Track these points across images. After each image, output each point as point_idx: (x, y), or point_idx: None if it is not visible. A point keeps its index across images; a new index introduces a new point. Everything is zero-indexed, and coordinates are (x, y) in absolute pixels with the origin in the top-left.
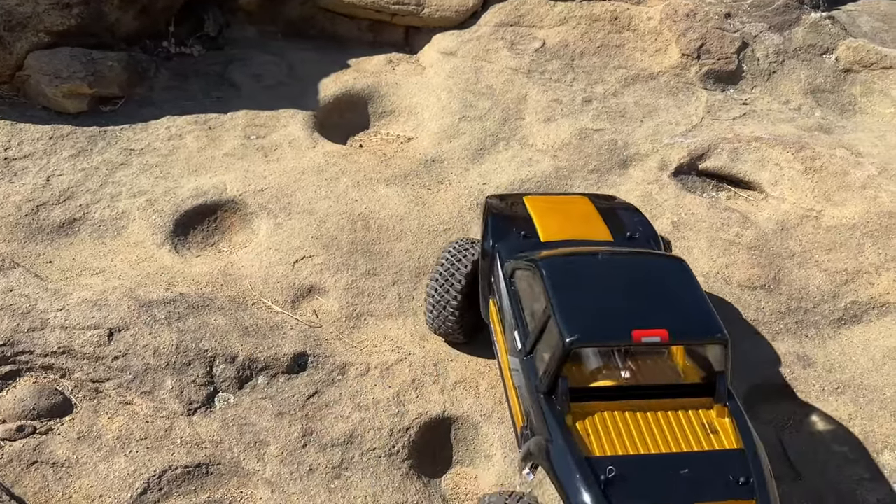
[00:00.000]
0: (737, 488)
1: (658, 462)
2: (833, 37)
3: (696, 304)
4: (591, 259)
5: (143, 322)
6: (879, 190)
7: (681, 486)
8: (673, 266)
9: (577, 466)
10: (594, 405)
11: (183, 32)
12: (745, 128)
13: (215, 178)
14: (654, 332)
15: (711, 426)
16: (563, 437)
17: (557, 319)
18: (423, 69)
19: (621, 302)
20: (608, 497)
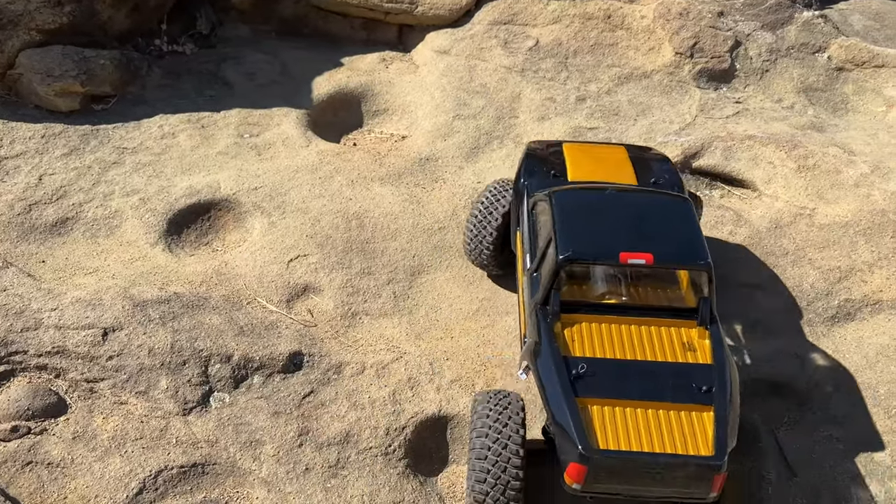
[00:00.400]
0: (697, 395)
1: (629, 366)
2: (825, 35)
3: (687, 234)
4: (600, 193)
5: (138, 322)
6: (872, 188)
7: (643, 386)
8: (675, 203)
9: (554, 363)
10: (583, 317)
11: (175, 30)
12: (738, 126)
13: (209, 176)
14: (640, 255)
15: (690, 345)
16: (549, 340)
17: (556, 239)
18: (416, 67)
19: (618, 229)
20: (574, 388)
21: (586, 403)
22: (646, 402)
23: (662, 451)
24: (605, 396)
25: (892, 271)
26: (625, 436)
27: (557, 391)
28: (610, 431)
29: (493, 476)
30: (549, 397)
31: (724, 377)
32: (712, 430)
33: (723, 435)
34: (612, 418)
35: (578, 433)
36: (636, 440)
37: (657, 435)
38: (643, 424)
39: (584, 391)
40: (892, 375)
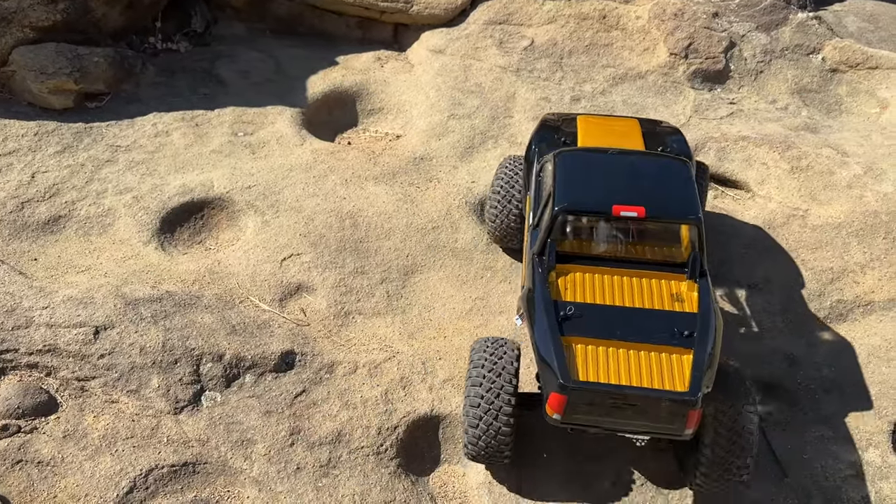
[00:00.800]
0: (678, 338)
1: (616, 311)
2: (819, 37)
3: (680, 191)
4: (601, 153)
5: (130, 320)
6: (865, 189)
7: (627, 329)
8: (672, 163)
9: (544, 304)
10: (576, 267)
11: (170, 28)
12: (732, 127)
13: (202, 175)
14: (633, 208)
15: (678, 296)
16: (542, 287)
17: (555, 192)
18: (411, 67)
19: (614, 184)
20: (561, 327)
21: (571, 342)
22: (628, 342)
23: (640, 385)
24: (589, 336)
25: (884, 272)
26: (605, 370)
27: (544, 329)
28: (591, 366)
29: (484, 423)
30: (537, 335)
31: (706, 325)
32: (690, 370)
33: (699, 375)
34: (595, 356)
35: (560, 366)
36: (615, 375)
37: (636, 371)
38: (624, 362)
39: (570, 331)
40: (884, 376)
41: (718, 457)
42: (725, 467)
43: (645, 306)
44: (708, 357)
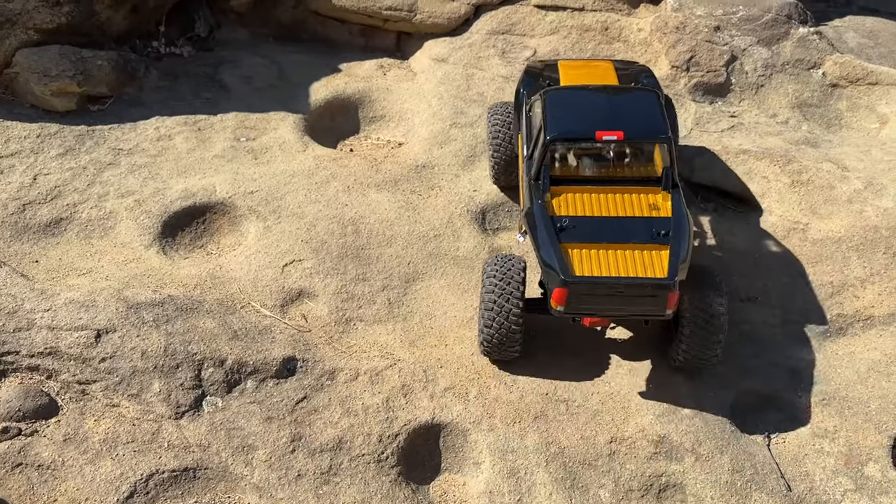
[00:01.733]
0: (656, 238)
1: (603, 221)
2: (820, 52)
3: (652, 117)
4: (583, 89)
5: (131, 324)
6: (865, 204)
7: (613, 234)
8: (643, 94)
9: (543, 219)
10: (567, 188)
11: (173, 33)
12: (733, 140)
13: (204, 179)
14: (613, 132)
15: (655, 205)
16: (540, 206)
17: (545, 125)
18: (414, 75)
19: (595, 114)
20: (558, 236)
21: (567, 247)
22: (615, 244)
23: (628, 275)
24: (582, 242)
25: (884, 287)
26: (597, 267)
27: (545, 239)
28: (585, 264)
29: (497, 323)
30: (539, 244)
31: (679, 226)
32: (667, 261)
33: (675, 264)
34: (588, 256)
35: (560, 266)
36: (605, 269)
37: (623, 266)
38: (612, 259)
39: (566, 238)
40: (884, 391)
41: (695, 336)
42: (701, 345)
43: (627, 215)
44: (681, 251)
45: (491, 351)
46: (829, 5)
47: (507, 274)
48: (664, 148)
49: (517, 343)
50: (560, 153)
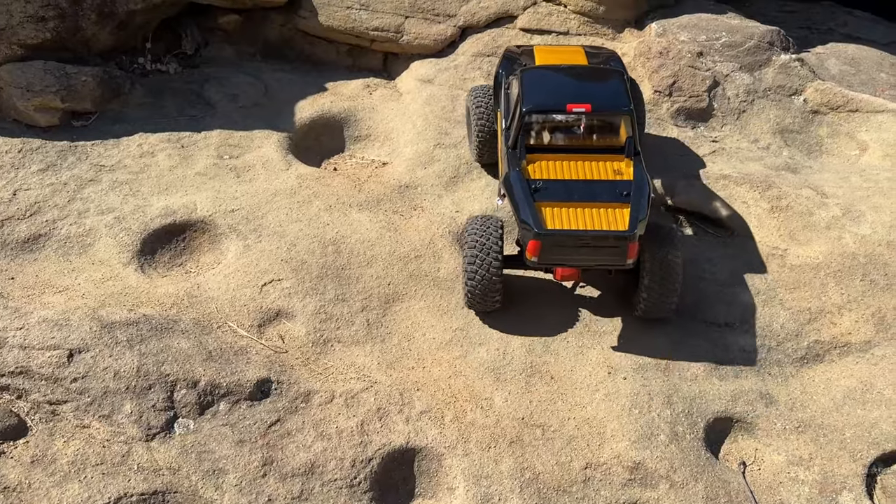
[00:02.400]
0: (619, 198)
1: (572, 183)
2: (802, 79)
3: (616, 92)
4: (555, 68)
5: (105, 344)
6: (843, 231)
7: (581, 194)
8: (610, 72)
9: (519, 182)
10: (542, 156)
11: (160, 49)
12: (714, 165)
13: (186, 197)
14: (581, 105)
15: (619, 170)
16: (516, 170)
17: (522, 98)
18: (400, 95)
19: (566, 90)
20: (533, 196)
21: (541, 206)
22: (583, 203)
23: (594, 228)
24: (554, 200)
25: (861, 314)
26: (567, 222)
27: (522, 199)
28: (556, 220)
29: (479, 275)
30: (517, 203)
31: (640, 188)
32: (628, 217)
33: (635, 220)
34: (559, 213)
35: (535, 221)
36: (574, 224)
37: (589, 221)
38: (580, 216)
39: (540, 198)
40: (859, 419)
41: (653, 285)
42: (660, 293)
43: (594, 178)
44: (641, 209)
45: (474, 301)
46: (812, 32)
47: (486, 231)
48: (627, 120)
49: (497, 293)
50: (535, 126)
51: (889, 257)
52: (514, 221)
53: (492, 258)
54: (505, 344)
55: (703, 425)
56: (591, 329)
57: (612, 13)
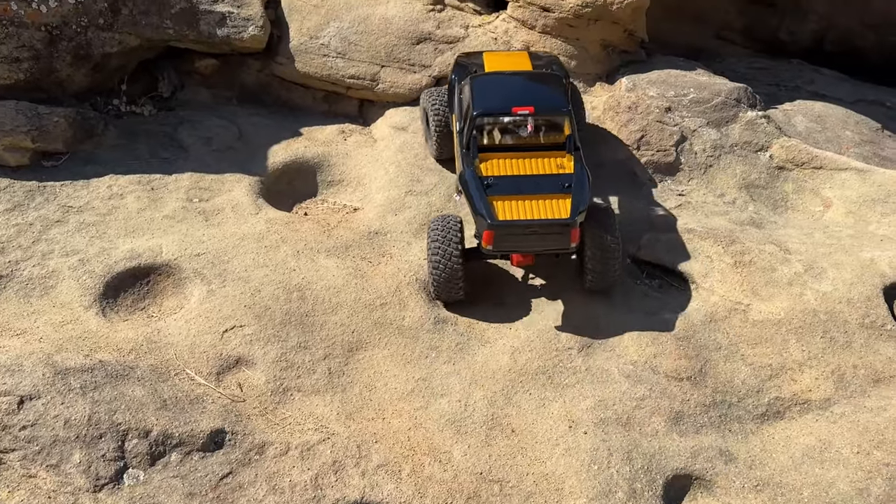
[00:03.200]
0: (561, 189)
1: (520, 178)
2: (768, 135)
3: (556, 95)
4: (502, 74)
5: (57, 391)
6: (805, 287)
7: (528, 188)
8: (550, 77)
9: (473, 180)
10: (493, 155)
11: (136, 91)
12: (679, 218)
13: (152, 240)
14: (525, 108)
15: (561, 165)
16: (471, 168)
17: (472, 103)
18: (374, 141)
19: (511, 94)
20: (486, 191)
21: (493, 200)
22: (530, 195)
23: (540, 217)
24: (504, 194)
25: (822, 371)
26: (516, 213)
27: (476, 194)
28: (507, 211)
29: (442, 265)
30: (472, 198)
31: (579, 180)
32: (570, 206)
33: (576, 209)
34: (509, 206)
35: (488, 213)
36: (523, 214)
37: (536, 211)
38: (527, 207)
39: (492, 193)
40: (817, 478)
41: (596, 263)
42: (602, 269)
43: (539, 173)
44: (580, 199)
45: (440, 291)
46: (780, 89)
47: (446, 227)
48: (566, 120)
49: (460, 282)
50: (486, 127)
51: (849, 315)
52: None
53: (452, 248)
54: (467, 395)
55: (662, 482)
56: (553, 381)
57: (583, 68)
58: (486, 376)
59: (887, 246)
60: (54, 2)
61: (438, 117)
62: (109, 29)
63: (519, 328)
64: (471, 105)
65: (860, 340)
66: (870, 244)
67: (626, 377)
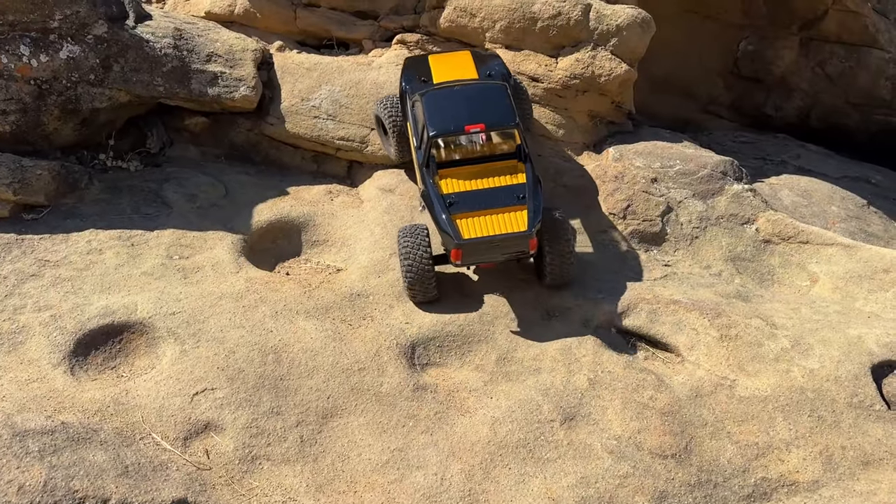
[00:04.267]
0: (516, 201)
1: (479, 193)
2: (754, 208)
3: (504, 108)
4: (450, 90)
5: (13, 454)
6: (792, 364)
7: (487, 202)
8: (495, 88)
9: (437, 199)
10: (450, 170)
11: (124, 146)
12: (665, 290)
13: (128, 297)
14: (477, 126)
15: (514, 173)
16: (432, 186)
17: (427, 125)
18: (361, 202)
19: (462, 111)
20: (449, 210)
21: (456, 218)
22: (489, 209)
23: (501, 232)
24: (466, 211)
25: (809, 452)
26: (478, 229)
27: (441, 213)
28: (471, 229)
29: (414, 268)
30: (437, 218)
31: (533, 190)
32: (526, 218)
33: (532, 220)
34: (472, 224)
35: (454, 233)
36: (485, 230)
37: (496, 225)
38: (488, 222)
39: (454, 211)
40: None
41: (554, 262)
42: (560, 266)
43: (495, 185)
44: (535, 209)
45: (415, 292)
46: (766, 163)
47: (415, 234)
48: (515, 131)
49: (432, 282)
50: (441, 145)
51: (836, 393)
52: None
53: (422, 252)
54: (444, 468)
55: None
56: (534, 455)
57: (570, 136)
58: (464, 448)
59: (875, 323)
60: (45, 57)
61: (393, 120)
62: (100, 85)
63: (500, 397)
64: (426, 126)
65: (848, 420)
66: (857, 321)
67: (610, 453)
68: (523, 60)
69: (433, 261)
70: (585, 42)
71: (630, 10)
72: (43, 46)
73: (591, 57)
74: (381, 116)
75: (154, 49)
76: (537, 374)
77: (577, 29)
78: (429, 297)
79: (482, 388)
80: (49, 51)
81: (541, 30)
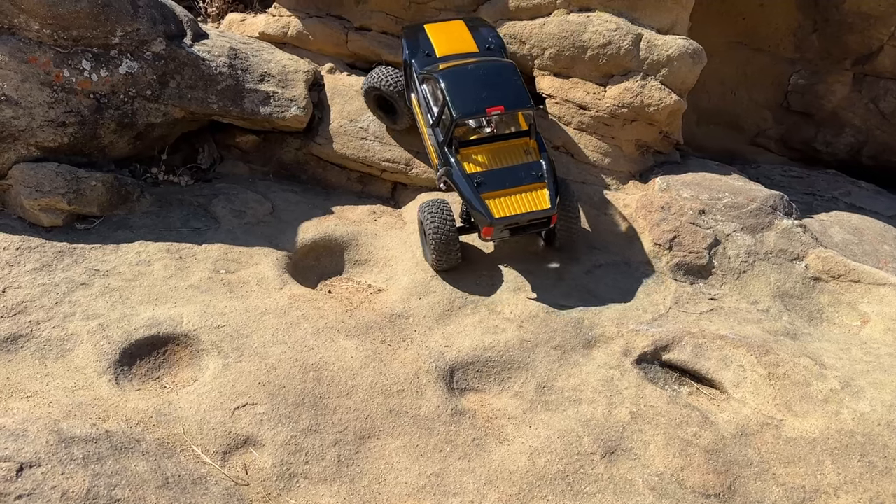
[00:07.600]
0: (536, 178)
1: (501, 171)
2: (804, 244)
3: (518, 90)
4: (464, 68)
5: (59, 460)
6: (841, 406)
7: (510, 181)
8: (508, 68)
9: (464, 178)
10: (471, 148)
11: (176, 161)
12: (711, 324)
13: (174, 309)
14: (497, 108)
15: (528, 151)
16: (457, 165)
17: (449, 105)
18: (404, 223)
19: (481, 92)
20: (478, 190)
21: (486, 199)
22: (512, 188)
23: (527, 210)
24: (493, 191)
25: (859, 498)
26: (507, 208)
27: (471, 194)
28: (500, 208)
29: (440, 233)
30: (468, 198)
31: (549, 168)
32: (548, 196)
33: (553, 197)
34: (501, 203)
35: (486, 212)
36: (513, 209)
37: (522, 204)
38: (515, 202)
39: (483, 191)
40: None
41: (563, 230)
42: (567, 233)
43: (515, 163)
44: (553, 186)
45: (441, 258)
46: (816, 199)
47: (438, 207)
48: (529, 112)
49: (457, 249)
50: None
51: (888, 439)
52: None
53: (446, 218)
54: (481, 496)
55: None
56: (573, 488)
57: (616, 165)
58: (502, 477)
59: None
60: (105, 72)
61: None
62: (156, 100)
63: (539, 426)
64: (448, 107)
65: None
66: None
67: (651, 489)
68: (571, 88)
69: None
70: (635, 71)
71: (681, 40)
72: (104, 62)
73: (640, 86)
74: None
75: (209, 67)
76: (577, 405)
77: (627, 58)
78: (453, 262)
79: (521, 417)
80: (109, 66)
81: (590, 58)
